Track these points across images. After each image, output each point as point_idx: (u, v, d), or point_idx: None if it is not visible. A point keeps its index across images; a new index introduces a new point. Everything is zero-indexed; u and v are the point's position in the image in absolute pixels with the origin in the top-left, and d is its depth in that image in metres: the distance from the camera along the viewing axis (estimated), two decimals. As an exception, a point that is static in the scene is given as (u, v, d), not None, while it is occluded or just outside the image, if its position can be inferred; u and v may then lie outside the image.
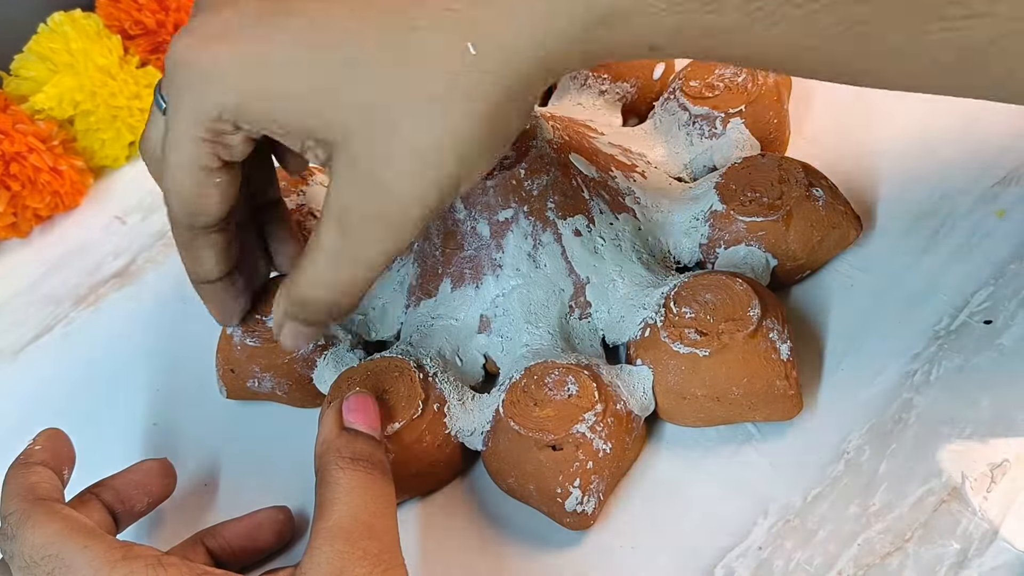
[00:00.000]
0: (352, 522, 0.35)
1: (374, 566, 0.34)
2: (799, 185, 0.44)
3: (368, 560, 0.34)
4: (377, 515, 0.36)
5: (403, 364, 0.43)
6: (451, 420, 0.43)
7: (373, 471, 0.37)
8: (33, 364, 0.54)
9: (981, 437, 0.40)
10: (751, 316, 0.40)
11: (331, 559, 0.34)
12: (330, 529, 0.35)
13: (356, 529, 0.35)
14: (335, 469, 0.37)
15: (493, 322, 0.45)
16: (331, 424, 0.39)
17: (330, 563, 0.34)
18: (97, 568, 0.33)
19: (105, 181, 0.62)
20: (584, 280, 0.45)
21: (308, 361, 0.45)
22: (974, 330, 0.42)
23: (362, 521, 0.35)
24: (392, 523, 0.36)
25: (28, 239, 0.60)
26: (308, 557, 0.34)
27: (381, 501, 0.36)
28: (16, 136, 0.56)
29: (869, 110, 0.51)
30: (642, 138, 0.50)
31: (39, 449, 0.39)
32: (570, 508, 0.39)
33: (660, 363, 0.41)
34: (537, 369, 0.41)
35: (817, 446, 0.41)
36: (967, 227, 0.45)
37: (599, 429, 0.40)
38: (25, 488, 0.37)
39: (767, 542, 0.39)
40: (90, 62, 0.58)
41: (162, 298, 0.53)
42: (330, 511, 0.35)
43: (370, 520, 0.35)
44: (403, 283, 0.47)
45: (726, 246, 0.45)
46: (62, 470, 0.39)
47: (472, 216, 0.45)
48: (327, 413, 0.40)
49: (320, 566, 0.34)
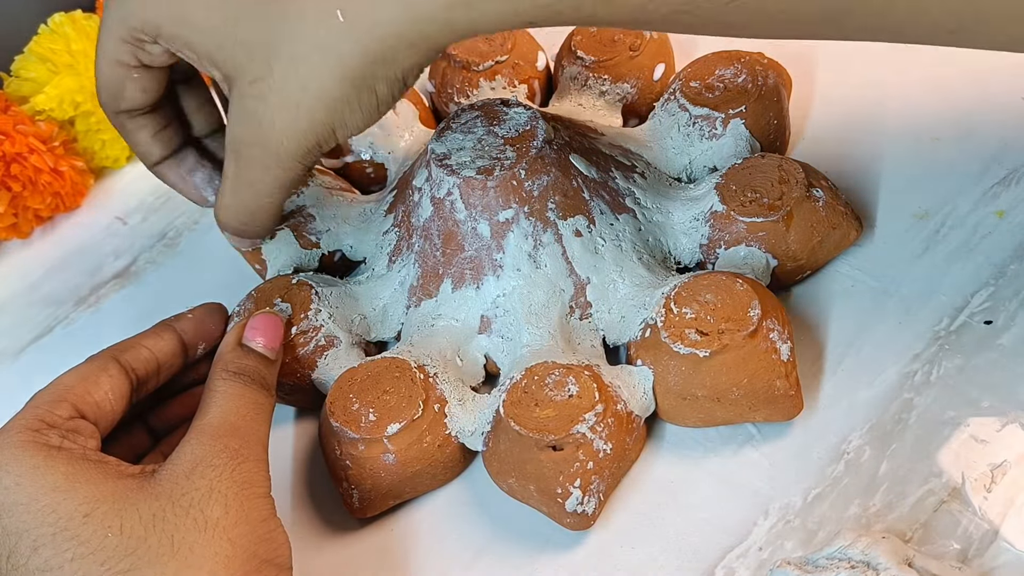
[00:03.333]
0: (220, 422, 0.39)
1: (231, 459, 0.38)
2: (799, 186, 0.44)
3: (227, 453, 0.38)
4: (245, 418, 0.39)
5: (403, 364, 0.43)
6: (451, 420, 0.43)
7: (252, 384, 0.41)
8: (33, 365, 0.54)
9: (981, 437, 0.40)
10: (751, 317, 0.40)
11: (194, 450, 0.38)
12: (200, 427, 0.39)
13: (222, 428, 0.39)
14: (218, 379, 0.41)
15: (494, 322, 0.45)
16: (230, 339, 0.43)
17: (193, 454, 0.38)
18: None
19: (106, 182, 0.62)
20: (584, 280, 0.45)
21: (308, 361, 0.45)
22: (974, 330, 0.42)
23: (229, 422, 0.39)
24: (259, 427, 0.40)
25: (29, 240, 0.60)
26: (177, 449, 0.38)
27: (252, 408, 0.40)
28: (17, 137, 0.56)
29: (869, 110, 0.51)
30: (642, 139, 0.50)
31: (189, 318, 0.44)
32: (570, 508, 0.39)
33: (660, 363, 0.41)
34: (538, 369, 0.41)
35: (817, 446, 0.41)
36: (967, 227, 0.45)
37: (600, 429, 0.40)
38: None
39: (767, 542, 0.39)
40: (91, 63, 0.58)
41: (162, 299, 0.53)
42: (204, 413, 0.39)
43: (237, 422, 0.39)
44: (404, 283, 0.47)
45: (726, 247, 0.45)
46: (197, 344, 0.44)
47: (472, 217, 0.45)
48: (232, 328, 0.44)
49: (184, 456, 0.38)
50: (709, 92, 0.49)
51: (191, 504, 0.36)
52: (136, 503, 0.36)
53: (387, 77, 0.37)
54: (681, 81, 0.50)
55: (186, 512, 0.36)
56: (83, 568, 0.34)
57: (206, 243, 0.56)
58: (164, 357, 0.43)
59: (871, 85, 0.51)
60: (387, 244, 0.48)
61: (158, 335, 0.43)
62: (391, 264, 0.48)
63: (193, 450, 0.38)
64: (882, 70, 0.51)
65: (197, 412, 0.40)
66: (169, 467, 0.37)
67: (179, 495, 0.36)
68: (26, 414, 0.38)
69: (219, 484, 0.37)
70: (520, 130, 0.45)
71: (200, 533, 0.36)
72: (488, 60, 0.54)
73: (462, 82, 0.54)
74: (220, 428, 0.39)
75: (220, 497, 0.36)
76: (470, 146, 0.45)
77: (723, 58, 0.49)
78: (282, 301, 0.46)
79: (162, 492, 0.36)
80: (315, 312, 0.46)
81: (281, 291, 0.46)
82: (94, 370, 0.40)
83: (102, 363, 0.41)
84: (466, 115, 0.47)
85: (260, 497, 0.38)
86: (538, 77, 0.55)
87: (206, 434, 0.38)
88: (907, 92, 0.50)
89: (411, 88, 0.40)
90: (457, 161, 0.45)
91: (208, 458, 0.37)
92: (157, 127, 0.45)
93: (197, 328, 0.44)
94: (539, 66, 0.55)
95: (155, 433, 0.45)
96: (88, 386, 0.39)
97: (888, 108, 0.50)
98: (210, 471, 0.37)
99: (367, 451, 0.42)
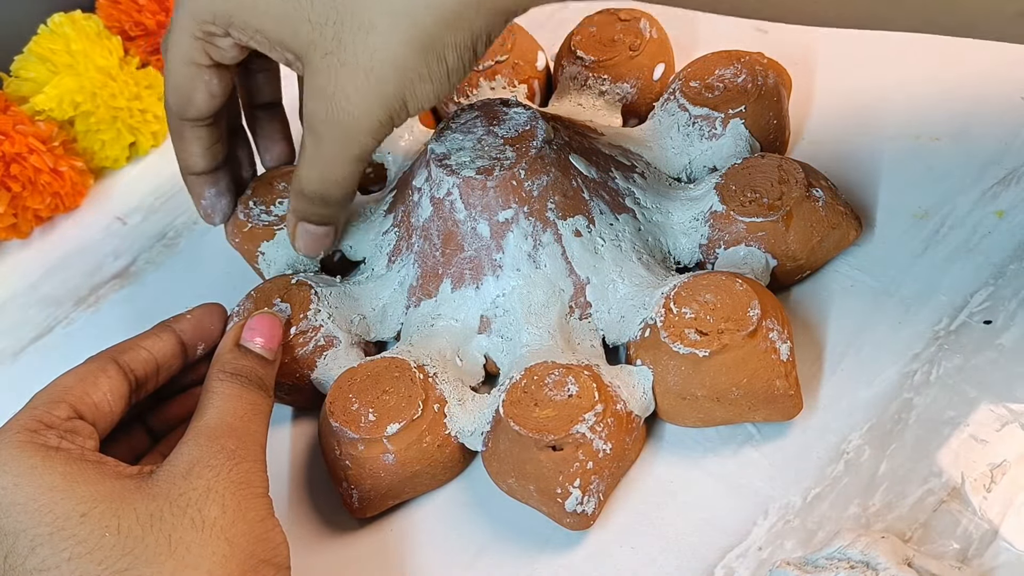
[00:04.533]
0: (217, 423, 0.39)
1: (228, 459, 0.38)
2: (799, 186, 0.44)
3: (223, 454, 0.38)
4: (242, 419, 0.40)
5: (403, 364, 0.43)
6: (451, 420, 0.43)
7: (249, 384, 0.41)
8: (33, 365, 0.54)
9: (981, 437, 0.40)
10: (751, 316, 0.40)
11: (192, 451, 0.38)
12: (198, 428, 0.39)
13: (219, 429, 0.39)
14: (216, 380, 0.41)
15: (493, 322, 0.45)
16: (228, 340, 0.43)
17: (190, 454, 0.38)
18: None
19: (105, 182, 0.62)
20: (584, 280, 0.45)
21: (308, 361, 0.45)
22: (974, 330, 0.42)
23: (226, 423, 0.39)
24: (256, 427, 0.40)
25: (28, 240, 0.60)
26: (175, 450, 0.38)
27: (249, 408, 0.40)
28: (16, 137, 0.56)
29: (869, 110, 0.51)
30: (642, 139, 0.50)
31: (188, 319, 0.45)
32: (570, 508, 0.39)
33: (660, 363, 0.41)
34: (537, 369, 0.41)
35: (817, 446, 0.41)
36: (967, 227, 0.45)
37: (599, 429, 0.40)
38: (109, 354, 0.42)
39: (767, 542, 0.39)
40: (90, 63, 0.58)
41: (162, 299, 0.53)
42: (201, 414, 0.40)
43: (234, 422, 0.39)
44: (403, 284, 0.47)
45: (726, 246, 0.45)
46: (196, 344, 0.44)
47: (472, 217, 0.45)
48: (231, 329, 0.44)
49: (182, 456, 0.38)
50: (709, 92, 0.49)
51: (188, 504, 0.36)
52: (133, 503, 0.36)
53: (457, 44, 0.38)
54: (681, 81, 0.50)
55: (183, 512, 0.36)
56: (80, 567, 0.34)
57: (205, 244, 0.56)
58: (163, 358, 0.43)
59: (871, 85, 0.51)
60: (387, 244, 0.48)
61: (157, 336, 0.43)
62: (391, 264, 0.48)
63: (190, 451, 0.38)
64: (882, 70, 0.51)
65: (195, 413, 0.40)
66: (167, 468, 0.37)
67: (176, 495, 0.36)
68: (24, 415, 0.38)
69: (216, 484, 0.37)
70: (520, 130, 0.45)
71: (197, 532, 0.36)
72: (488, 60, 0.54)
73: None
74: (217, 429, 0.39)
75: (217, 497, 0.36)
76: (470, 146, 0.45)
77: (723, 58, 0.49)
78: (281, 301, 0.46)
79: (159, 492, 0.36)
80: (314, 312, 0.46)
81: (280, 291, 0.46)
82: (93, 371, 0.40)
83: (101, 364, 0.41)
84: (466, 115, 0.47)
85: (258, 497, 0.38)
86: (538, 77, 0.55)
87: (203, 435, 0.38)
88: (907, 92, 0.50)
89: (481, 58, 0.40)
90: (457, 161, 0.45)
91: (205, 459, 0.37)
92: (211, 141, 0.47)
93: (196, 329, 0.44)
94: (539, 66, 0.55)
95: (154, 434, 0.45)
96: (86, 387, 0.39)
97: (888, 108, 0.50)
98: (207, 471, 0.37)
99: (367, 451, 0.42)
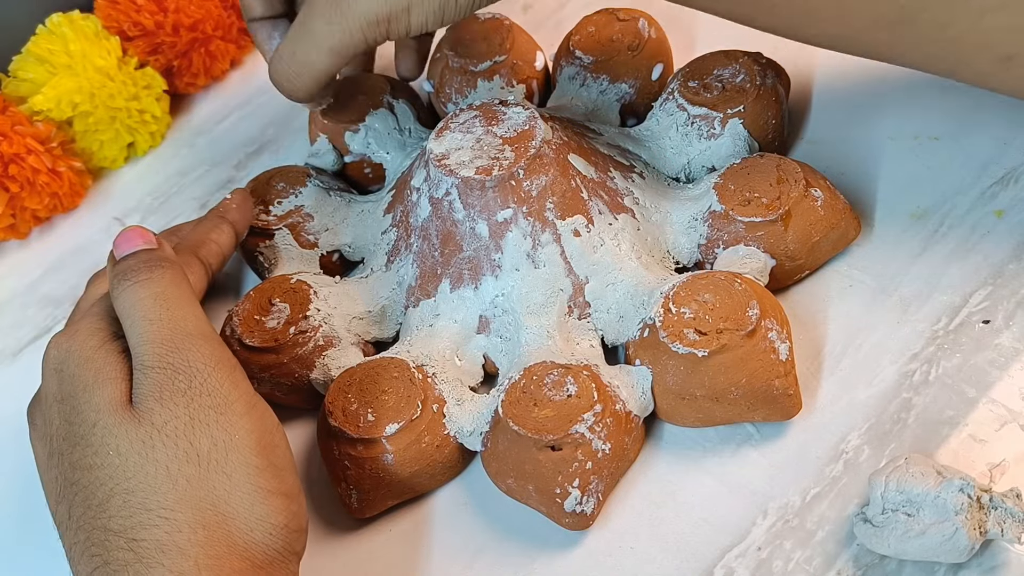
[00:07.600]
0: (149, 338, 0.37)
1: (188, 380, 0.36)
2: (798, 185, 0.44)
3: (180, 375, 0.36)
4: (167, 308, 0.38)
5: (402, 365, 0.43)
6: (450, 421, 0.43)
7: (148, 270, 0.39)
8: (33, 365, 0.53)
9: (980, 437, 0.40)
10: (750, 316, 0.40)
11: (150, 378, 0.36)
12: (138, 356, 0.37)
13: (154, 344, 0.37)
14: (116, 298, 0.39)
15: (492, 322, 0.45)
16: (108, 271, 0.40)
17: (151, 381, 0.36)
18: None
19: (104, 182, 0.62)
20: (583, 280, 0.45)
21: (307, 361, 0.45)
22: (973, 330, 0.42)
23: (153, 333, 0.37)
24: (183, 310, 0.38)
25: (27, 240, 0.60)
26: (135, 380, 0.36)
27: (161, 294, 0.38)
28: (15, 137, 0.56)
29: (868, 110, 0.51)
30: (640, 138, 0.50)
31: (234, 208, 0.47)
32: (569, 508, 0.39)
33: (659, 363, 0.41)
34: (536, 369, 0.41)
35: (816, 446, 0.41)
36: (966, 226, 0.45)
37: (598, 429, 0.40)
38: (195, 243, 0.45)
39: (766, 542, 0.39)
40: (89, 63, 0.58)
41: (161, 299, 0.53)
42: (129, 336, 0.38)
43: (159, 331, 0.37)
44: (402, 284, 0.47)
45: (725, 246, 0.45)
46: (241, 233, 0.47)
47: (471, 217, 0.45)
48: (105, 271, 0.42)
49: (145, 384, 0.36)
50: (707, 92, 0.49)
51: (178, 435, 0.35)
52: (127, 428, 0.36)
53: None
54: (679, 81, 0.50)
55: (175, 443, 0.35)
56: (99, 477, 0.35)
57: (204, 243, 0.56)
58: (228, 250, 0.45)
59: (870, 85, 0.51)
60: (385, 244, 0.48)
61: (220, 228, 0.45)
62: (389, 264, 0.48)
63: (149, 379, 0.36)
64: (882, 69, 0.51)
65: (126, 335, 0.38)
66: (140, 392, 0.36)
67: (161, 424, 0.35)
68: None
69: (198, 413, 0.36)
70: (518, 130, 0.45)
71: (194, 467, 0.35)
72: (486, 60, 0.54)
73: (460, 82, 0.54)
74: (152, 346, 0.37)
75: (204, 428, 0.36)
76: (468, 146, 0.45)
77: (721, 58, 0.49)
78: (281, 301, 0.46)
79: (144, 418, 0.36)
80: (314, 312, 0.46)
81: (280, 291, 0.46)
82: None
83: (185, 259, 0.42)
84: (464, 115, 0.47)
85: (240, 416, 0.36)
86: (536, 77, 0.55)
87: (147, 361, 0.37)
88: (907, 92, 0.50)
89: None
90: (455, 161, 0.45)
91: (168, 383, 0.36)
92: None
93: (242, 215, 0.46)
94: (537, 66, 0.55)
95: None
96: None
97: (887, 108, 0.50)
98: (179, 397, 0.36)
99: (366, 451, 0.42)
